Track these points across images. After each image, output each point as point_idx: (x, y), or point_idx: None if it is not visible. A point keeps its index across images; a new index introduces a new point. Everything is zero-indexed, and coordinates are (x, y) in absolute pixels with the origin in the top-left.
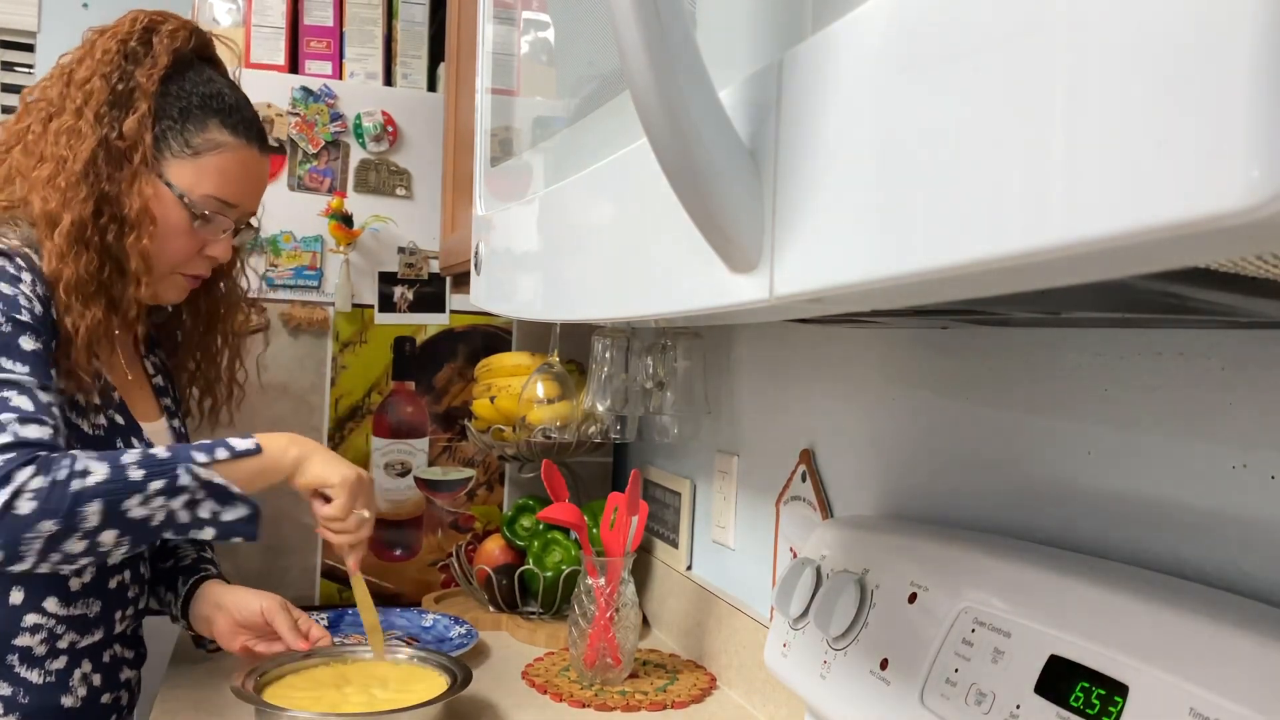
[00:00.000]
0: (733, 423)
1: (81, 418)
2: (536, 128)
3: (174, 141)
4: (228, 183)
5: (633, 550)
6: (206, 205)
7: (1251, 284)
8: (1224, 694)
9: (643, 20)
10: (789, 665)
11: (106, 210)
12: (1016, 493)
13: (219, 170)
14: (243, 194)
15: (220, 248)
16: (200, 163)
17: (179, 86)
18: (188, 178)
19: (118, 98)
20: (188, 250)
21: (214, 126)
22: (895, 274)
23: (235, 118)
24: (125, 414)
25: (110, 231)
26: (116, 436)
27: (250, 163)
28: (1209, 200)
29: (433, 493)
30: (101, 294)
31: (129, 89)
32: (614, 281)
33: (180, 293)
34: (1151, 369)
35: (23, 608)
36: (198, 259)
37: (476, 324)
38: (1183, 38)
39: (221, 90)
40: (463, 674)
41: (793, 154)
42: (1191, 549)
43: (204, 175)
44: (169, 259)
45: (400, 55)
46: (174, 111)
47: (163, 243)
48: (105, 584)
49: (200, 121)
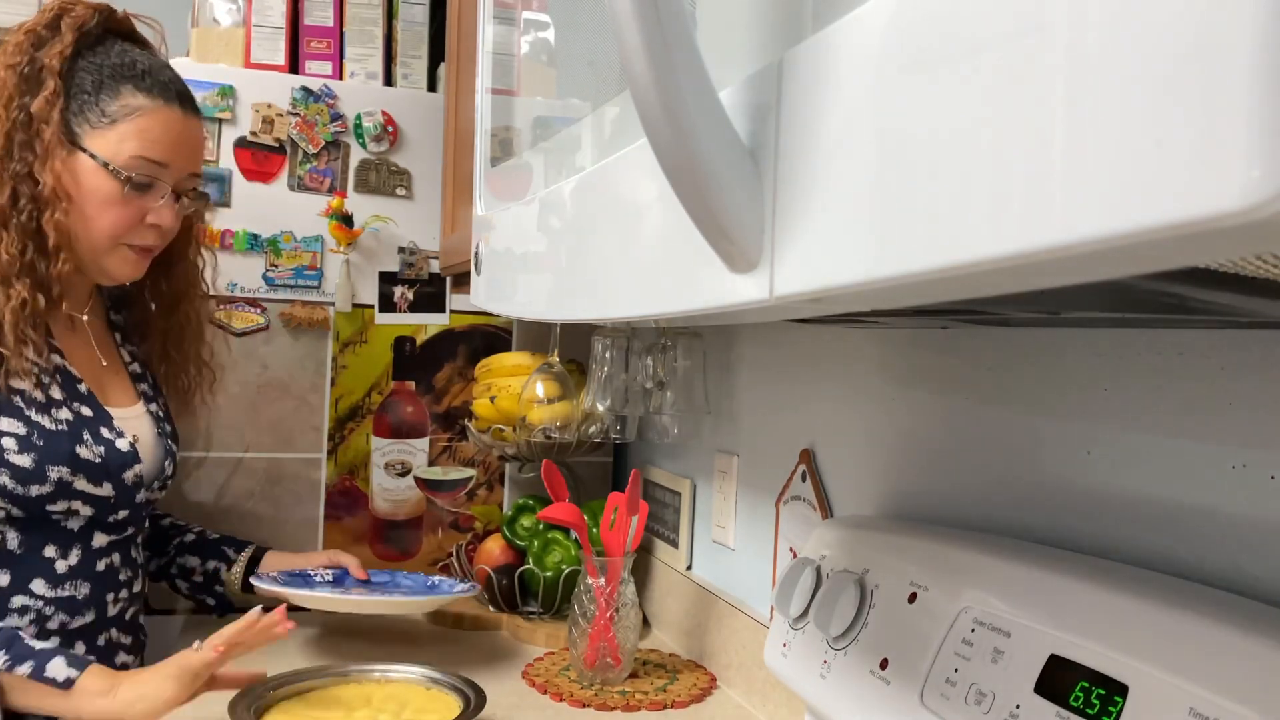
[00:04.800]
0: (733, 423)
1: (42, 413)
2: (536, 128)
3: (90, 114)
4: (151, 143)
5: (633, 550)
6: (132, 168)
7: (1251, 284)
8: (1224, 694)
9: (643, 20)
10: (789, 665)
11: (23, 191)
12: (1016, 493)
13: (139, 132)
14: (170, 152)
15: (162, 215)
16: (119, 128)
17: (89, 60)
18: (109, 145)
19: (26, 83)
20: (127, 220)
21: (127, 92)
22: (895, 274)
23: (149, 80)
24: (94, 404)
25: (26, 212)
26: (84, 428)
27: (173, 121)
28: (1208, 200)
29: (433, 493)
30: (25, 274)
31: (36, 71)
32: (614, 281)
33: (131, 266)
34: (1151, 369)
35: (9, 589)
36: (141, 229)
37: (476, 324)
38: (1182, 38)
39: (135, 59)
40: (477, 697)
41: (793, 154)
42: (1191, 549)
43: (125, 139)
44: (107, 231)
45: (400, 55)
46: (86, 84)
47: (96, 215)
48: (92, 566)
49: (113, 89)
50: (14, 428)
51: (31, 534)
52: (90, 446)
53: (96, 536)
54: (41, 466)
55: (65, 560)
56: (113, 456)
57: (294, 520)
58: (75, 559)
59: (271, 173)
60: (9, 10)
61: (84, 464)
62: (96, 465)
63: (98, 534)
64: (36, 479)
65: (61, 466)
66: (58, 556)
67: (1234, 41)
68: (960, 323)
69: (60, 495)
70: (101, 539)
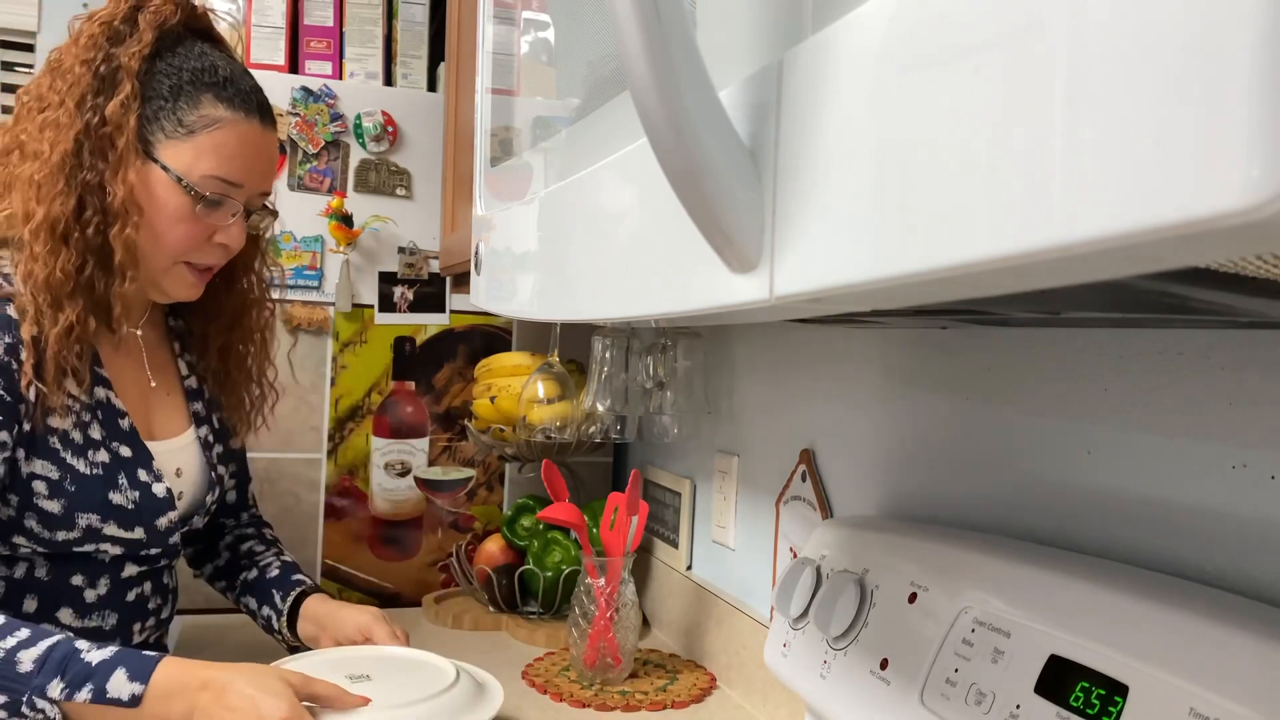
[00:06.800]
0: (733, 423)
1: (78, 456)
2: (536, 128)
3: (166, 122)
4: (228, 160)
5: (633, 550)
6: (207, 187)
7: (1251, 284)
8: (1224, 694)
9: (643, 20)
10: (789, 665)
11: (90, 203)
12: (1016, 493)
13: (216, 147)
14: (246, 171)
15: (231, 234)
16: (196, 141)
17: (168, 63)
18: (184, 159)
19: (101, 82)
20: (194, 238)
21: (208, 101)
22: (895, 274)
23: (230, 90)
24: (134, 443)
25: (93, 225)
26: (120, 471)
27: (251, 137)
28: (1209, 200)
29: (433, 493)
30: (80, 294)
31: (112, 71)
32: (614, 281)
33: (188, 288)
34: (1151, 369)
35: (35, 617)
36: (207, 247)
37: (476, 324)
38: (1183, 37)
39: (215, 63)
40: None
41: (793, 154)
42: (1191, 549)
43: (201, 154)
44: (173, 248)
45: (400, 55)
46: (164, 90)
47: (165, 231)
48: (122, 597)
49: (192, 97)
50: (47, 471)
51: (60, 564)
52: (125, 492)
53: (127, 568)
54: (71, 513)
55: (94, 590)
56: (146, 502)
57: (294, 520)
58: (104, 589)
59: None
60: (9, 10)
61: (115, 510)
62: (129, 511)
63: (129, 565)
64: (65, 525)
65: (92, 514)
66: (86, 585)
67: (1234, 41)
68: (960, 323)
69: (88, 539)
70: (132, 569)
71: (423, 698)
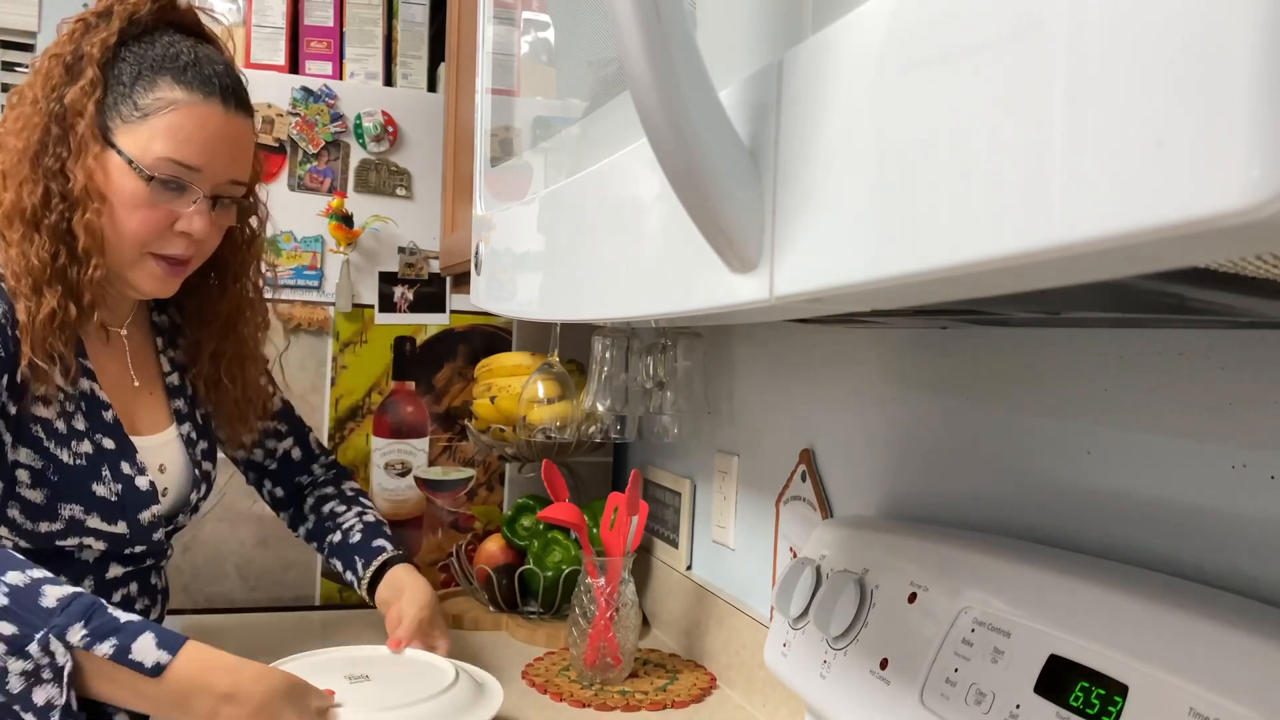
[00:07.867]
0: (733, 423)
1: (62, 446)
2: (536, 128)
3: (123, 107)
4: (184, 143)
5: (633, 550)
6: (160, 169)
7: (1251, 284)
8: (1224, 694)
9: (643, 21)
10: (789, 665)
11: (56, 190)
12: (1016, 493)
13: (170, 129)
14: (205, 155)
15: (193, 223)
16: (150, 124)
17: (132, 51)
18: (139, 142)
19: (67, 72)
20: (153, 225)
21: (164, 84)
22: (895, 274)
23: (190, 73)
24: (118, 436)
25: (57, 212)
26: (103, 463)
27: (211, 119)
28: (1208, 200)
29: (433, 493)
30: (56, 281)
31: (77, 59)
32: (614, 281)
33: (158, 282)
34: (1151, 369)
35: None
36: (170, 236)
37: (476, 324)
38: (1182, 37)
39: (180, 50)
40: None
41: (793, 154)
42: (1191, 549)
43: (155, 136)
44: (133, 236)
45: (400, 55)
46: (124, 76)
47: (124, 218)
48: (108, 598)
49: (149, 81)
50: (31, 460)
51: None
52: (108, 484)
53: (112, 568)
54: (54, 504)
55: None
56: (129, 495)
57: None
58: (88, 590)
59: (271, 173)
60: (9, 10)
61: (99, 502)
62: (112, 504)
63: (113, 565)
64: (47, 516)
65: (75, 504)
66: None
67: (1234, 41)
68: (960, 323)
69: (71, 532)
70: (117, 570)
71: (422, 698)
